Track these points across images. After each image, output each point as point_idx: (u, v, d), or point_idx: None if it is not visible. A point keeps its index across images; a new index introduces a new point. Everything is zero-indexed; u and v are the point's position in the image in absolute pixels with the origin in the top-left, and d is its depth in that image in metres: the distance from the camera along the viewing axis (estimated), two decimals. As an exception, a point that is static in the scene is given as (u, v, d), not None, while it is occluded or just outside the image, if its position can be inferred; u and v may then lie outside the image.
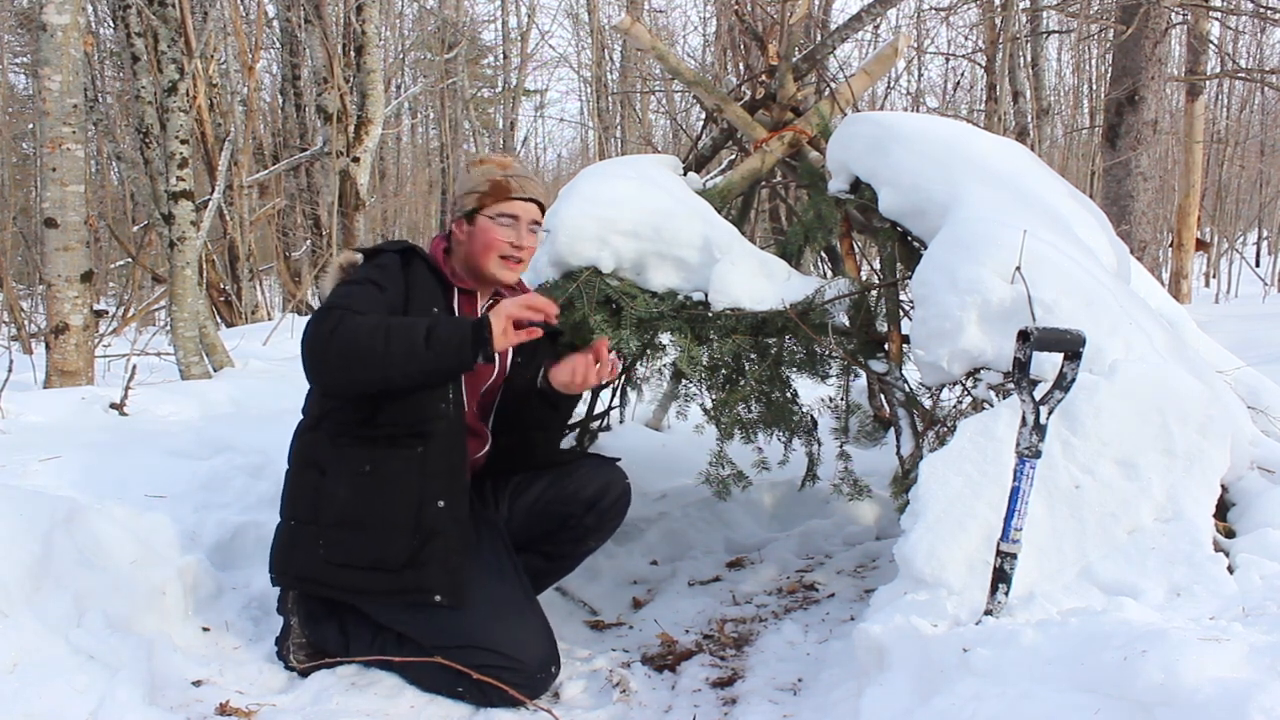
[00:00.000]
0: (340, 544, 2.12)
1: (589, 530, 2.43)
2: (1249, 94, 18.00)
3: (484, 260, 2.26)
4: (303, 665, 2.20)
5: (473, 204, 2.26)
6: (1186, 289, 9.99)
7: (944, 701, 1.55)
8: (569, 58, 20.48)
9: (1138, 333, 2.12)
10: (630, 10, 15.10)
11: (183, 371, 5.46)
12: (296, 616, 2.23)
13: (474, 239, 2.26)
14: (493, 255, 2.25)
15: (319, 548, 2.14)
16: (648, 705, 2.13)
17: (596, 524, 2.42)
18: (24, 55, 16.75)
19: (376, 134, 7.37)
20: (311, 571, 2.16)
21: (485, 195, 2.26)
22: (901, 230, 2.67)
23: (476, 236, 2.25)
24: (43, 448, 2.99)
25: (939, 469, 1.94)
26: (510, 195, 2.26)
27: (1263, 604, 1.68)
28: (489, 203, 2.25)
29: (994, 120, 7.87)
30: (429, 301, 2.19)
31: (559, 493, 2.41)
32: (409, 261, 2.22)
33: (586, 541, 2.46)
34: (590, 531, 2.43)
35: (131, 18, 7.51)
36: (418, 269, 2.21)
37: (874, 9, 3.83)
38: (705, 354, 2.83)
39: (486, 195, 2.26)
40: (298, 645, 2.22)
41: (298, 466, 2.24)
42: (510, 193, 2.26)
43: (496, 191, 2.26)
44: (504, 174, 2.28)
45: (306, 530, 2.17)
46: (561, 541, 2.43)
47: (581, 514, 2.40)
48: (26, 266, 12.90)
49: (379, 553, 2.10)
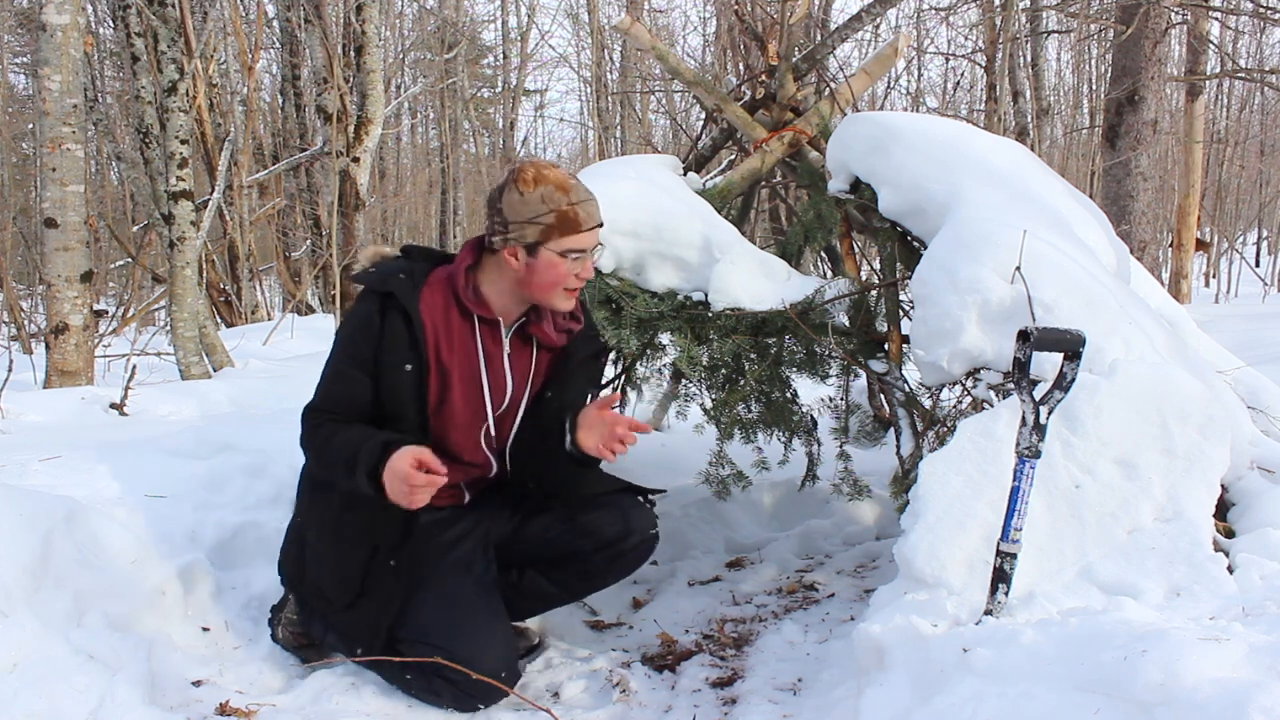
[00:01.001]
0: (311, 563, 2.21)
1: (598, 571, 2.29)
2: (1249, 94, 18.01)
3: (546, 295, 2.11)
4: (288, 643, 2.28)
5: (535, 237, 2.04)
6: (1186, 289, 9.99)
7: (944, 701, 1.55)
8: (569, 58, 20.48)
9: (1138, 333, 2.12)
10: (630, 10, 15.09)
11: (183, 371, 5.46)
12: (295, 594, 2.28)
13: (535, 272, 2.07)
14: (558, 290, 2.10)
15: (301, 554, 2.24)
16: (648, 705, 2.13)
17: (606, 567, 2.28)
18: (24, 55, 16.74)
19: (376, 134, 7.36)
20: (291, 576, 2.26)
21: (550, 229, 2.04)
22: (901, 230, 2.67)
23: (539, 271, 2.07)
24: (43, 448, 2.99)
25: (939, 469, 1.94)
26: (580, 229, 2.06)
27: (1263, 604, 1.68)
28: (555, 237, 2.04)
29: (994, 120, 7.87)
30: (398, 359, 2.07)
31: (574, 525, 2.25)
32: (386, 310, 2.08)
33: (594, 581, 2.33)
34: (599, 573, 2.30)
35: (131, 18, 7.52)
36: (391, 318, 2.07)
37: (874, 9, 3.83)
38: (705, 354, 2.83)
39: (552, 229, 2.04)
40: (289, 622, 2.27)
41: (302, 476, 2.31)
42: (580, 227, 2.06)
43: (564, 226, 2.04)
44: (570, 203, 2.04)
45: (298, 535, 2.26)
46: (569, 573, 2.29)
47: (591, 552, 2.24)
48: (26, 266, 12.90)
49: (330, 584, 2.16)
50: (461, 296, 2.12)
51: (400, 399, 2.10)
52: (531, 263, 2.07)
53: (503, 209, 2.07)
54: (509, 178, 2.08)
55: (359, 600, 2.13)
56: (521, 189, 2.04)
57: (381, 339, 2.08)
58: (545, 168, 2.08)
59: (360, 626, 2.13)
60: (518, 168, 2.08)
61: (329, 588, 2.16)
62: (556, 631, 2.54)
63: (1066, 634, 1.54)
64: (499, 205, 2.07)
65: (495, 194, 2.11)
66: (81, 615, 2.01)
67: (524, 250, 2.06)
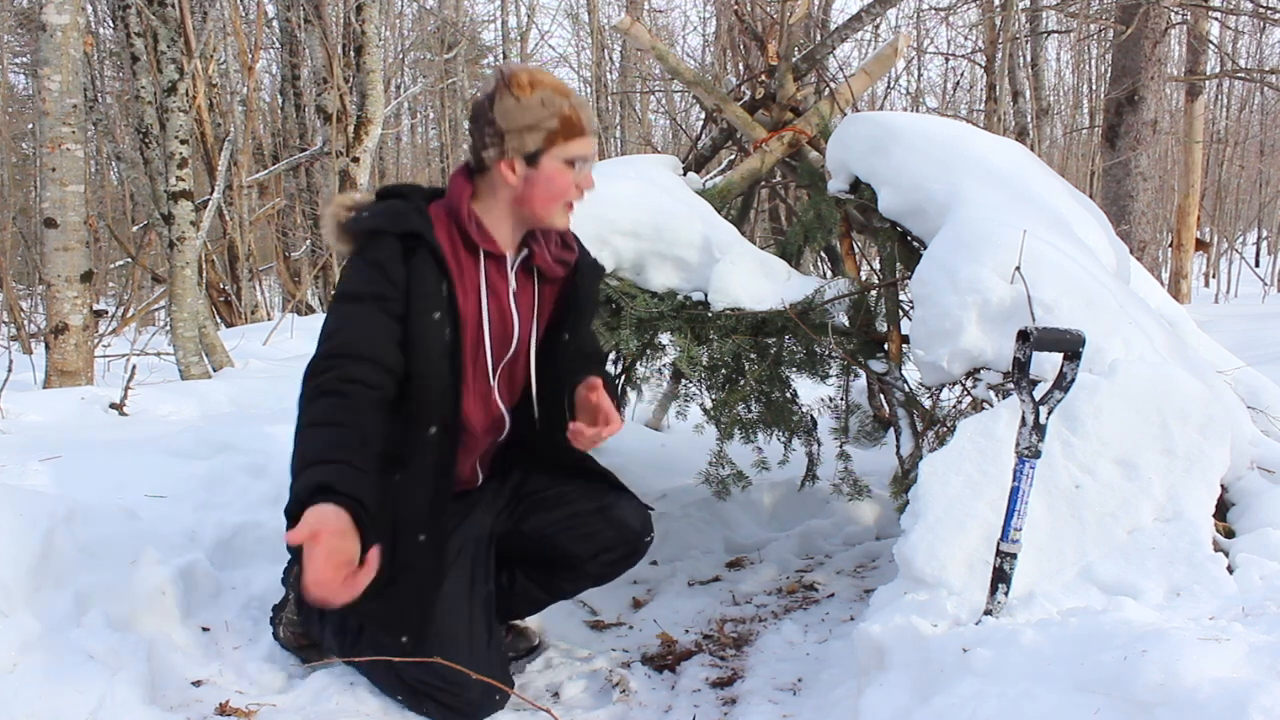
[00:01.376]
0: None
1: (588, 576, 2.23)
2: (1249, 94, 18.01)
3: (547, 210, 1.96)
4: (288, 643, 2.22)
5: (537, 144, 1.89)
6: (1186, 289, 9.99)
7: (944, 701, 1.55)
8: (569, 58, 20.51)
9: (1138, 333, 2.12)
10: (630, 10, 15.10)
11: (182, 371, 5.46)
12: (294, 592, 2.22)
13: (536, 185, 1.92)
14: (559, 204, 1.96)
15: None
16: (648, 705, 2.13)
17: (598, 572, 2.23)
18: (24, 55, 16.74)
19: (376, 134, 7.36)
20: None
21: (554, 134, 1.89)
22: (901, 230, 2.67)
23: (540, 184, 1.92)
24: (43, 448, 2.99)
25: (939, 469, 1.94)
26: (585, 132, 1.93)
27: (1263, 604, 1.68)
28: (559, 142, 1.90)
29: (994, 120, 7.87)
30: (428, 305, 1.90)
31: (569, 533, 2.17)
32: (413, 251, 1.89)
33: (584, 584, 2.27)
34: (589, 577, 2.24)
35: (131, 18, 7.52)
36: (422, 261, 1.89)
37: (874, 9, 3.83)
38: (705, 354, 2.83)
39: (556, 134, 1.89)
40: (289, 622, 2.24)
41: None
42: (585, 130, 1.92)
43: (568, 130, 1.90)
44: (572, 105, 1.91)
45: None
46: (561, 578, 2.24)
47: (586, 560, 2.18)
48: (26, 266, 12.90)
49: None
50: (469, 231, 1.96)
51: (430, 352, 1.91)
52: (532, 174, 1.92)
53: (495, 118, 1.89)
54: (499, 84, 1.89)
55: (392, 584, 1.94)
56: (517, 94, 1.88)
57: (409, 283, 1.88)
58: (538, 72, 1.93)
59: (397, 611, 1.98)
60: (509, 73, 1.90)
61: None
62: (556, 631, 2.54)
63: (1066, 634, 1.54)
64: (490, 115, 1.89)
65: (484, 103, 1.91)
66: (81, 615, 2.01)
67: (523, 161, 1.91)
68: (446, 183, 2.03)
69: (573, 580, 2.25)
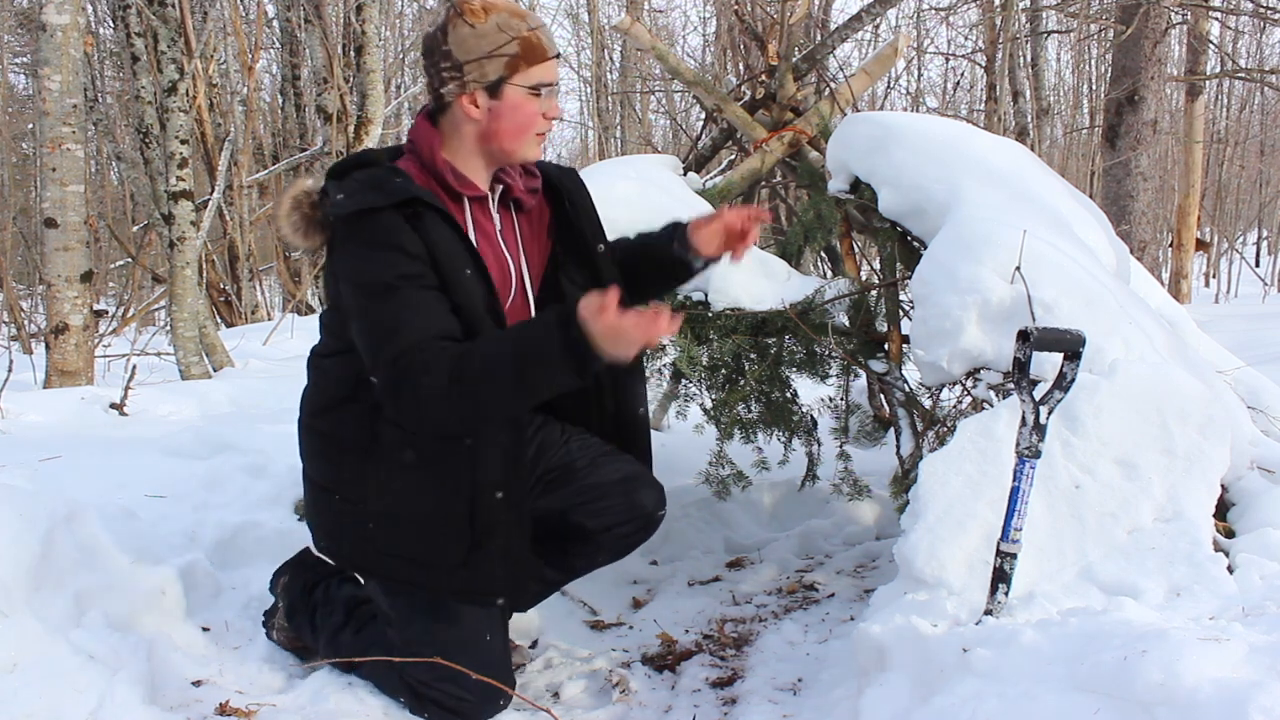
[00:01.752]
0: (390, 533, 1.92)
1: (600, 548, 2.13)
2: (1249, 94, 18.00)
3: (516, 143, 1.85)
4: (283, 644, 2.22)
5: (498, 72, 1.78)
6: (1186, 289, 9.99)
7: (944, 701, 1.55)
8: (569, 58, 20.47)
9: (1138, 333, 2.12)
10: (630, 10, 15.09)
11: (183, 371, 5.47)
12: (283, 603, 2.23)
13: (501, 117, 1.81)
14: (528, 135, 1.85)
15: (369, 532, 1.94)
16: (648, 705, 2.13)
17: (611, 545, 2.13)
18: (24, 55, 16.73)
19: (376, 134, 7.37)
20: (363, 559, 1.99)
21: (516, 60, 1.78)
22: (901, 230, 2.67)
23: (505, 114, 1.81)
24: (43, 448, 3.00)
25: (939, 469, 1.94)
26: (547, 56, 1.82)
27: (1263, 604, 1.68)
28: (521, 68, 1.79)
29: (994, 120, 7.88)
30: (457, 265, 1.79)
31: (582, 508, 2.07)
32: (417, 216, 1.77)
33: (596, 556, 2.16)
34: (602, 549, 2.13)
35: (131, 18, 7.52)
36: (431, 223, 1.78)
37: (874, 9, 3.83)
38: (705, 354, 2.83)
39: (518, 60, 1.78)
40: (281, 628, 2.24)
41: (334, 445, 1.97)
42: (547, 54, 1.82)
43: (530, 54, 1.79)
44: (530, 28, 1.80)
45: (355, 511, 1.95)
46: (573, 555, 2.14)
47: (599, 533, 2.09)
48: (26, 266, 12.90)
49: (431, 548, 1.90)
50: (447, 179, 1.86)
51: (475, 309, 1.80)
52: (496, 106, 1.81)
53: (451, 50, 1.78)
54: (450, 12, 1.78)
55: (476, 549, 1.87)
56: (471, 20, 1.76)
57: (431, 250, 1.76)
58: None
59: (486, 576, 1.89)
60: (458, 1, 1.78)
61: (440, 554, 1.89)
62: (556, 631, 2.54)
63: (1066, 634, 1.54)
64: (445, 47, 1.78)
65: (436, 36, 1.80)
66: (81, 615, 2.01)
67: (485, 93, 1.80)
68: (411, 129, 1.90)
69: (586, 556, 2.15)
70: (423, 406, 1.74)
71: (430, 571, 1.92)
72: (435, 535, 1.89)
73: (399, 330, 1.73)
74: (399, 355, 1.72)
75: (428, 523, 1.89)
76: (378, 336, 1.76)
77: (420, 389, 1.72)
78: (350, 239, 1.80)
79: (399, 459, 1.88)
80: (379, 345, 1.75)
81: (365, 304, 1.78)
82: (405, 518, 1.91)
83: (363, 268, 1.78)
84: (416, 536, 1.91)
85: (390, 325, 1.74)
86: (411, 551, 1.92)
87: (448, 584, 1.91)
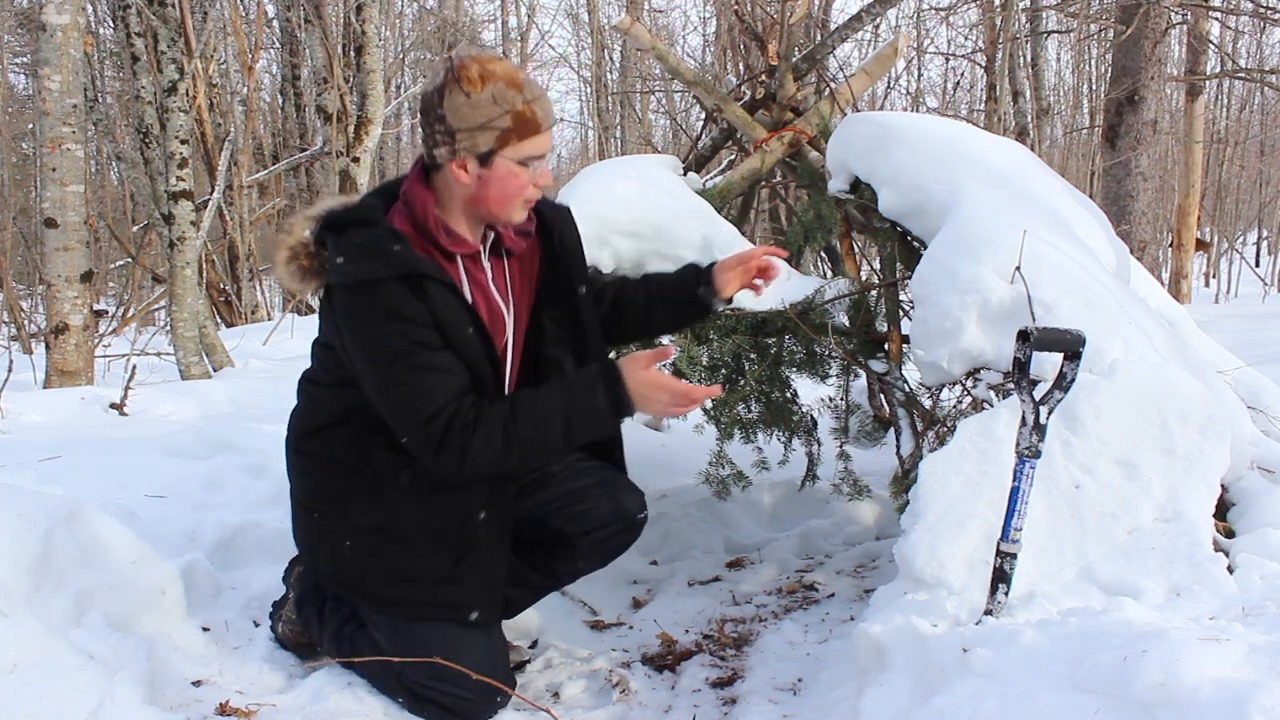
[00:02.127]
0: (372, 551, 1.98)
1: (580, 555, 2.18)
2: (1249, 94, 18.01)
3: (503, 209, 1.89)
4: (287, 639, 2.23)
5: (489, 144, 1.81)
6: (1186, 289, 9.99)
7: (944, 701, 1.55)
8: (569, 58, 20.48)
9: (1138, 333, 2.12)
10: (630, 10, 15.09)
11: (183, 371, 5.47)
12: (294, 593, 2.24)
13: (490, 185, 1.84)
14: (516, 204, 1.89)
15: (346, 549, 2.00)
16: (648, 705, 2.13)
17: (589, 551, 2.17)
18: (24, 55, 16.73)
19: (376, 134, 7.37)
20: (338, 573, 2.05)
21: (507, 134, 1.81)
22: (901, 230, 2.67)
23: (494, 184, 1.84)
24: (43, 448, 3.00)
25: (939, 469, 1.94)
26: (540, 130, 1.84)
27: (1263, 604, 1.68)
28: (512, 142, 1.81)
29: (994, 120, 7.88)
30: (460, 326, 1.86)
31: (561, 513, 2.13)
32: (421, 287, 1.81)
33: (576, 562, 2.20)
34: (581, 556, 2.18)
35: (131, 18, 7.52)
36: (433, 290, 1.83)
37: (874, 9, 3.83)
38: (705, 354, 2.83)
39: (509, 134, 1.81)
40: (289, 620, 2.24)
41: (322, 464, 2.03)
42: (540, 128, 1.84)
43: (522, 128, 1.81)
44: (526, 101, 1.81)
45: (334, 528, 2.01)
46: (553, 558, 2.19)
47: (578, 538, 2.14)
48: (26, 266, 12.90)
49: (413, 565, 1.96)
50: (440, 240, 1.90)
51: (478, 364, 1.89)
52: (485, 175, 1.84)
53: (446, 115, 1.80)
54: (448, 76, 1.79)
55: (458, 565, 1.94)
56: (467, 89, 1.78)
57: (436, 317, 1.82)
58: (489, 61, 1.81)
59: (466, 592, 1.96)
60: (458, 64, 1.79)
61: (420, 569, 1.95)
62: (556, 631, 2.54)
63: (1066, 634, 1.54)
64: (440, 111, 1.80)
65: (433, 97, 1.81)
66: (81, 615, 2.01)
67: (476, 161, 1.83)
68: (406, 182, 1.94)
69: (568, 561, 2.19)
70: (470, 463, 1.83)
71: (409, 588, 1.98)
72: (418, 553, 1.96)
73: (427, 395, 1.82)
74: (433, 418, 1.81)
75: (411, 541, 1.96)
76: (406, 403, 1.84)
77: (469, 448, 1.82)
78: (355, 307, 1.85)
79: (392, 480, 1.95)
80: (410, 411, 1.83)
81: (384, 371, 1.84)
82: (389, 536, 1.97)
83: (374, 336, 1.84)
84: (399, 554, 1.97)
85: (417, 390, 1.82)
86: (392, 568, 1.98)
87: (426, 600, 1.98)
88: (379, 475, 1.96)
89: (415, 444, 1.85)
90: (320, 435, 2.03)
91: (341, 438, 1.99)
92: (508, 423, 1.83)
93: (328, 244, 1.87)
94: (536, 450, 1.87)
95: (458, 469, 1.84)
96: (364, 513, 1.98)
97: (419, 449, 1.86)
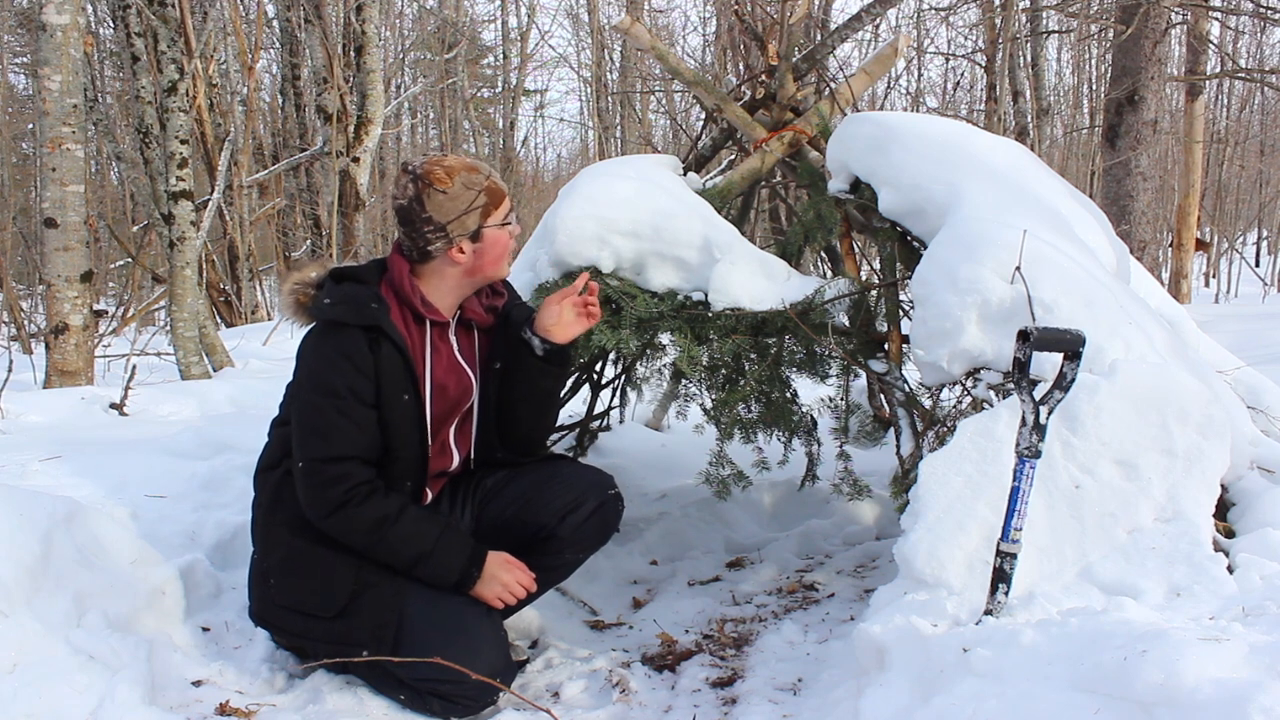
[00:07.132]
0: (284, 587, 2.13)
1: (565, 542, 2.27)
2: (1249, 94, 18.00)
3: (496, 269, 2.19)
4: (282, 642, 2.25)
5: (476, 222, 2.11)
6: (1186, 289, 9.99)
7: (944, 701, 1.55)
8: (569, 58, 20.48)
9: (1138, 333, 2.12)
10: (630, 10, 15.09)
11: (183, 371, 5.47)
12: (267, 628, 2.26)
13: (484, 254, 2.14)
14: (505, 260, 2.20)
15: (269, 587, 2.16)
16: (648, 705, 2.13)
17: (571, 536, 2.26)
18: (24, 55, 16.74)
19: (376, 134, 7.38)
20: (264, 611, 2.19)
21: (487, 208, 2.12)
22: (901, 230, 2.66)
23: (487, 251, 2.14)
24: (43, 448, 2.99)
25: (939, 469, 1.94)
26: (505, 193, 2.18)
27: (1263, 604, 1.68)
28: (491, 212, 2.13)
29: (994, 120, 7.88)
30: (398, 389, 2.09)
31: (529, 506, 2.27)
32: (377, 340, 2.07)
33: (563, 554, 2.29)
34: (566, 543, 2.27)
35: (131, 18, 7.52)
36: (387, 351, 2.07)
37: (874, 9, 3.83)
38: (705, 354, 2.82)
39: (488, 207, 2.12)
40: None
41: (258, 500, 2.24)
42: (504, 192, 2.17)
43: (494, 197, 2.14)
44: (487, 176, 2.15)
45: (259, 567, 2.20)
46: (542, 554, 2.26)
47: (554, 525, 2.25)
48: (26, 266, 12.90)
49: (315, 600, 2.09)
50: (417, 308, 2.15)
51: (403, 431, 2.11)
52: (479, 248, 2.13)
53: (431, 215, 2.08)
54: (420, 185, 2.08)
55: (352, 605, 2.07)
56: (441, 187, 2.08)
57: (378, 372, 2.07)
58: (442, 159, 2.12)
59: (360, 628, 2.06)
60: (420, 173, 2.08)
61: (312, 604, 2.10)
62: (556, 631, 2.54)
63: (1066, 634, 1.54)
64: (424, 214, 2.08)
65: (411, 206, 2.09)
66: (81, 615, 2.01)
67: (468, 240, 2.12)
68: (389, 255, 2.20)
69: (556, 554, 2.28)
70: (337, 520, 2.05)
71: (309, 622, 2.11)
72: (320, 588, 2.10)
73: (330, 436, 2.05)
74: (325, 461, 2.05)
75: (316, 576, 2.11)
76: (311, 430, 2.07)
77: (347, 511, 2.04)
78: (318, 340, 2.11)
79: (300, 516, 2.11)
80: (309, 439, 2.07)
81: (309, 396, 2.09)
82: (299, 572, 2.12)
83: (319, 369, 2.09)
84: (305, 589, 2.11)
85: (324, 426, 2.05)
86: (296, 603, 2.12)
87: (327, 633, 2.09)
88: (291, 514, 2.12)
89: (305, 472, 2.06)
90: (261, 475, 2.24)
91: (272, 480, 2.19)
92: (386, 520, 2.05)
93: (325, 287, 2.14)
94: (381, 555, 2.07)
95: (324, 516, 2.05)
96: (278, 550, 2.15)
97: (306, 478, 2.06)
